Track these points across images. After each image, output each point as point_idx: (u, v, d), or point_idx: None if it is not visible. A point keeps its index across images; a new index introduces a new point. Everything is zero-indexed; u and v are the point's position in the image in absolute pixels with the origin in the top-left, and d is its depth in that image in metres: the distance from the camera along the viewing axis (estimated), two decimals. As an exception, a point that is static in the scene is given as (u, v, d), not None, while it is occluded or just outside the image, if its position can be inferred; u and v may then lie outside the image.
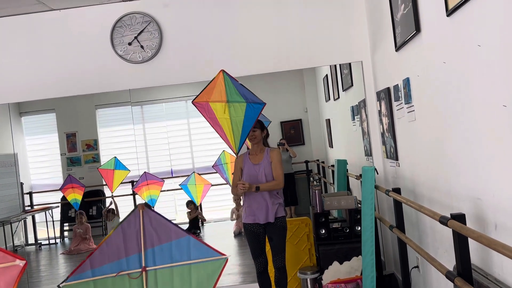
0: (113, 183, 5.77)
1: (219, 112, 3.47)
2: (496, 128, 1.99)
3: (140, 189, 5.70)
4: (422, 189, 3.18)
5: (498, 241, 1.66)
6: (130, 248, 2.53)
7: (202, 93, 3.52)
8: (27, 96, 4.59)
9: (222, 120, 3.48)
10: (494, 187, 2.08)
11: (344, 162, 4.84)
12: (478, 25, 2.07)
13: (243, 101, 3.45)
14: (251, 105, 3.47)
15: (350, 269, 3.83)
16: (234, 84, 3.47)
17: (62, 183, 6.27)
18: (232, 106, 3.43)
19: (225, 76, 3.47)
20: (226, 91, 3.44)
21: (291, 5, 4.39)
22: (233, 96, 3.44)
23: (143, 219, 2.47)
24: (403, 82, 3.31)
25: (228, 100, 3.42)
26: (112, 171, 5.73)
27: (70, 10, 4.50)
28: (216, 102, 3.45)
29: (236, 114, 3.45)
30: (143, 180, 5.70)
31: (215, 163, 5.79)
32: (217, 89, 3.47)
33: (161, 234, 2.50)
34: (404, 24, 3.13)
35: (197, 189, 6.00)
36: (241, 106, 3.45)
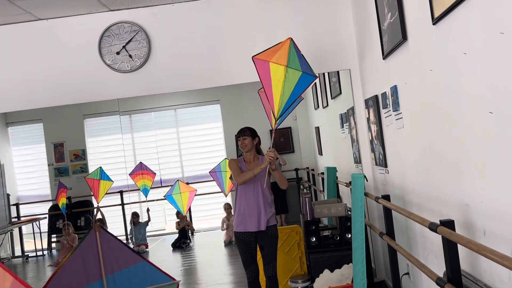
0: (99, 193, 5.73)
1: (275, 74, 3.53)
2: (483, 134, 2.02)
3: (136, 176, 5.77)
4: (411, 196, 3.20)
5: (487, 247, 1.67)
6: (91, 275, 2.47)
7: (265, 52, 3.59)
8: (14, 106, 4.54)
9: (275, 82, 3.53)
10: (482, 194, 2.09)
11: (333, 170, 4.85)
12: (463, 33, 2.10)
13: (300, 70, 3.51)
14: (305, 75, 3.53)
15: (341, 277, 3.83)
16: (297, 52, 3.55)
17: (50, 194, 6.20)
18: (289, 71, 3.49)
19: (291, 43, 3.55)
20: (289, 56, 3.51)
21: (279, 14, 4.42)
22: (293, 63, 3.52)
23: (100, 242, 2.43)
24: (391, 90, 3.34)
25: (288, 65, 3.48)
26: (98, 181, 5.70)
27: (57, 20, 4.48)
28: (276, 64, 3.50)
29: (290, 80, 3.52)
30: (138, 169, 5.91)
31: (214, 169, 5.77)
32: (280, 53, 3.53)
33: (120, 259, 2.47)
34: (391, 33, 3.16)
35: (182, 198, 5.98)
36: (297, 74, 3.52)
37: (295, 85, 3.53)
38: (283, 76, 3.50)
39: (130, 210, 6.27)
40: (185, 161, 6.43)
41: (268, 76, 3.55)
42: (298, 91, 3.56)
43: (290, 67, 3.50)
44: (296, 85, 3.54)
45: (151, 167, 6.32)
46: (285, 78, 3.50)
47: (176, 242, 6.50)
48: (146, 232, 6.44)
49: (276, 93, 3.54)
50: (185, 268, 5.95)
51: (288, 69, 3.48)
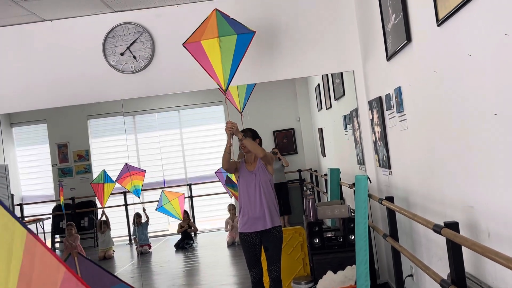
0: (104, 197, 5.74)
1: (210, 49, 3.51)
2: (488, 136, 2.01)
3: (124, 180, 5.68)
4: (415, 198, 3.19)
5: (491, 249, 1.66)
6: None
7: (194, 34, 3.58)
8: (18, 107, 4.56)
9: (212, 58, 3.51)
10: (487, 195, 2.09)
11: (337, 171, 4.85)
12: (468, 34, 2.10)
13: (234, 33, 3.49)
14: (242, 35, 3.52)
15: (344, 278, 3.82)
16: (226, 19, 3.54)
17: (53, 194, 6.23)
18: (223, 40, 3.48)
19: (217, 13, 3.54)
20: (218, 26, 3.49)
21: (283, 15, 4.42)
22: (225, 30, 3.50)
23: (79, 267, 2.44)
24: (395, 91, 3.34)
25: (219, 35, 3.46)
26: (102, 185, 5.71)
27: (62, 21, 4.49)
28: (208, 39, 3.48)
29: (227, 47, 3.50)
30: (125, 171, 5.67)
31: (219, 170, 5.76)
32: (209, 28, 3.51)
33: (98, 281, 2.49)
34: (395, 34, 3.16)
35: (173, 205, 5.96)
36: (232, 38, 3.50)
37: (234, 49, 3.49)
38: (218, 47, 3.46)
39: (133, 211, 6.28)
40: (188, 162, 6.43)
41: (205, 55, 3.53)
42: (239, 53, 3.53)
43: (222, 35, 3.45)
44: (236, 49, 3.50)
45: (155, 167, 6.33)
46: (220, 48, 3.45)
47: (179, 243, 6.50)
48: (148, 232, 6.45)
49: (217, 67, 3.52)
50: (188, 269, 5.96)
51: (221, 38, 3.46)
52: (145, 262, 6.14)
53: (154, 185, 6.27)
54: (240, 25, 3.57)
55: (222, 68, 3.49)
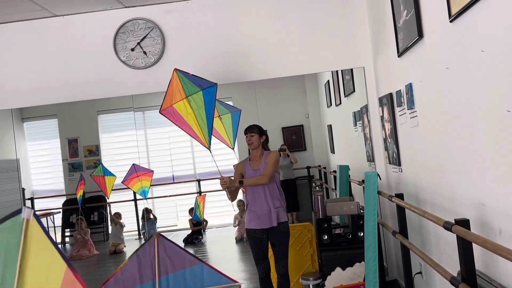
0: (107, 189, 5.76)
1: (183, 111, 3.55)
2: (500, 133, 1.99)
3: (131, 181, 5.68)
4: (425, 195, 3.18)
5: (503, 247, 1.65)
6: (145, 276, 2.55)
7: (165, 100, 3.61)
8: (30, 102, 4.60)
9: (188, 119, 3.54)
10: (498, 193, 2.07)
11: (346, 168, 4.83)
12: (481, 30, 2.08)
13: (199, 90, 3.52)
14: (206, 90, 3.54)
15: (352, 275, 3.82)
16: (187, 77, 3.55)
17: (64, 189, 6.28)
18: (192, 100, 3.51)
19: (178, 73, 3.54)
20: (183, 87, 3.51)
21: (293, 11, 4.41)
22: (190, 88, 3.53)
23: (157, 247, 2.53)
24: (406, 88, 3.32)
25: (186, 95, 3.48)
26: (103, 177, 5.73)
27: (73, 16, 4.52)
28: (178, 102, 3.51)
29: (197, 105, 3.53)
30: (132, 172, 5.67)
31: None
32: (176, 90, 3.54)
33: (175, 262, 2.54)
34: (406, 30, 3.14)
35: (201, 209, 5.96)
36: (199, 96, 3.53)
37: (203, 104, 3.52)
38: (189, 107, 3.50)
39: (143, 205, 6.32)
40: (197, 157, 6.45)
41: (180, 118, 3.56)
42: (210, 107, 3.55)
43: (189, 94, 3.49)
44: (205, 103, 3.53)
45: (164, 163, 6.37)
46: (191, 107, 3.50)
47: (188, 238, 6.53)
48: (157, 227, 6.49)
49: (194, 127, 3.55)
50: (196, 264, 5.98)
51: (189, 98, 3.49)
52: (154, 257, 6.17)
53: (163, 181, 6.30)
54: (201, 79, 3.61)
55: (199, 127, 3.53)
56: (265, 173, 3.59)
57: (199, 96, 3.50)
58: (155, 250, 2.51)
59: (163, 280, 2.54)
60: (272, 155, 3.70)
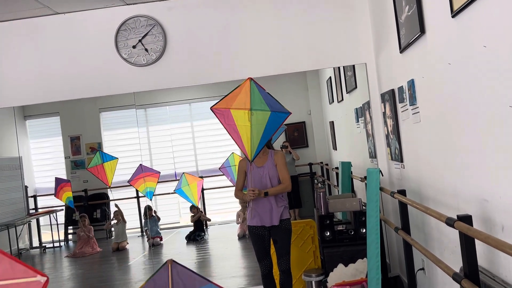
0: (107, 177, 5.74)
1: (240, 120, 3.44)
2: (502, 129, 1.99)
3: (137, 181, 5.67)
4: (427, 191, 3.17)
5: (506, 243, 1.65)
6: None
7: (224, 100, 3.50)
8: (32, 100, 4.61)
9: (241, 128, 3.45)
10: (501, 189, 2.07)
11: (348, 164, 4.83)
12: (483, 25, 2.07)
13: (268, 110, 3.41)
14: (276, 113, 3.44)
15: (355, 271, 3.82)
16: (260, 92, 3.44)
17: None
18: (254, 114, 3.41)
19: (252, 84, 3.44)
20: (251, 99, 3.40)
21: (295, 8, 4.40)
22: (258, 104, 3.41)
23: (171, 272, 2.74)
24: (408, 84, 3.31)
25: (251, 108, 3.40)
26: (102, 165, 5.71)
27: (74, 14, 4.52)
28: (238, 110, 3.43)
29: (258, 122, 3.42)
30: (139, 172, 5.65)
31: (223, 165, 5.76)
32: (241, 97, 3.44)
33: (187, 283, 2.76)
34: (408, 26, 3.13)
35: (191, 189, 5.96)
36: (265, 115, 3.42)
37: (265, 125, 3.42)
38: (247, 120, 3.39)
39: (145, 203, 6.33)
40: (199, 155, 6.46)
41: (232, 122, 3.45)
42: (271, 130, 3.46)
43: (254, 109, 3.39)
44: (268, 125, 3.43)
45: (166, 160, 6.37)
46: (250, 122, 3.39)
47: (190, 235, 6.55)
48: (160, 225, 6.51)
49: (244, 137, 3.43)
50: (199, 261, 6.00)
51: (253, 112, 3.39)
52: (157, 254, 6.19)
53: (165, 178, 6.31)
54: (275, 101, 3.47)
55: (250, 141, 3.43)
56: (285, 181, 3.68)
57: (265, 115, 3.41)
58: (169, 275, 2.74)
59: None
60: (280, 157, 3.72)
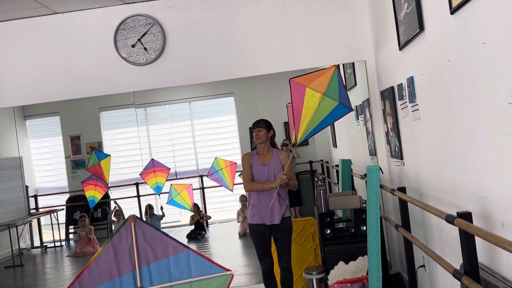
0: (104, 174, 5.76)
1: (309, 100, 3.49)
2: (502, 125, 1.99)
3: (147, 175, 5.70)
4: (427, 188, 3.17)
5: (505, 239, 1.65)
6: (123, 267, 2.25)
7: (305, 76, 3.55)
8: (32, 100, 4.61)
9: (306, 108, 3.49)
10: (500, 185, 2.07)
11: (348, 162, 4.83)
12: (482, 22, 2.07)
13: (337, 100, 3.47)
14: (341, 106, 3.50)
15: (356, 269, 3.82)
16: (339, 83, 3.51)
17: (67, 186, 6.29)
18: (325, 100, 3.46)
19: (335, 73, 3.51)
20: (329, 85, 3.47)
21: (294, 5, 4.39)
22: (332, 92, 3.47)
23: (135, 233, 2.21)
24: (407, 81, 3.30)
25: (325, 93, 3.44)
26: (99, 164, 5.73)
27: (73, 13, 4.52)
28: (313, 91, 3.46)
29: (323, 108, 3.48)
30: (150, 167, 5.68)
31: (209, 172, 5.77)
32: (321, 80, 3.49)
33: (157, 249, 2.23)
34: (407, 23, 3.12)
35: (183, 197, 5.99)
36: (332, 103, 3.48)
37: (328, 113, 3.48)
38: (317, 103, 3.44)
39: (146, 202, 6.33)
40: (199, 153, 6.45)
41: (301, 100, 3.49)
42: (329, 120, 3.52)
43: (327, 95, 3.44)
44: (329, 114, 3.49)
45: (166, 159, 6.36)
46: (318, 105, 3.44)
47: (191, 234, 6.55)
48: (161, 223, 6.51)
49: (304, 120, 3.49)
50: (200, 260, 6.00)
51: (325, 97, 3.44)
52: (158, 253, 6.19)
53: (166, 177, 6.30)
54: (346, 95, 3.54)
55: (309, 122, 3.48)
56: (295, 180, 3.74)
57: (332, 103, 3.47)
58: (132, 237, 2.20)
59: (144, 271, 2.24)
60: (286, 157, 3.75)
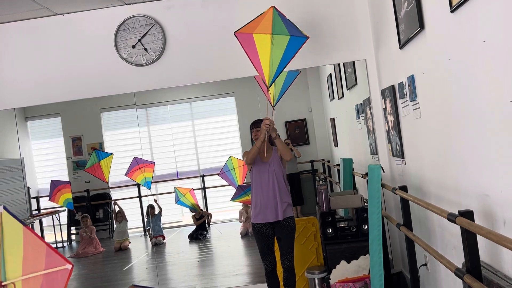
0: (104, 174, 5.77)
1: (261, 44, 3.50)
2: (503, 123, 1.98)
3: (134, 173, 5.71)
4: (429, 187, 3.17)
5: (507, 237, 1.65)
6: None
7: (247, 26, 3.56)
8: (33, 101, 4.62)
9: (261, 52, 3.49)
10: (502, 183, 2.07)
11: (349, 161, 4.83)
12: (482, 20, 2.06)
13: (288, 34, 3.47)
14: (294, 38, 3.50)
15: (357, 268, 3.82)
16: (282, 19, 3.51)
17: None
18: (275, 39, 3.47)
19: (274, 12, 3.52)
20: (273, 24, 3.47)
21: (294, 5, 4.39)
22: (278, 29, 3.48)
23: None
24: (408, 80, 3.30)
25: (273, 32, 3.45)
26: (98, 164, 5.74)
27: (73, 15, 4.52)
28: (260, 34, 3.48)
29: (278, 46, 3.48)
30: (134, 165, 5.72)
31: (222, 170, 5.78)
32: (264, 23, 3.50)
33: None
34: (407, 22, 3.12)
35: (188, 199, 6.02)
36: (285, 39, 3.48)
37: (284, 49, 3.47)
38: (269, 44, 3.44)
39: (147, 202, 6.34)
40: (201, 153, 6.46)
41: (254, 48, 3.51)
42: (289, 54, 3.51)
43: (275, 33, 3.44)
44: (286, 50, 3.48)
45: (168, 159, 6.37)
46: (272, 45, 3.44)
47: (193, 234, 6.55)
48: (162, 223, 6.52)
49: (264, 62, 3.49)
50: (202, 259, 6.01)
51: (274, 36, 3.45)
52: (160, 253, 6.21)
53: (167, 177, 6.31)
54: (295, 27, 3.54)
55: (269, 66, 3.48)
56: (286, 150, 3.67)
57: (284, 39, 3.46)
58: None
59: None
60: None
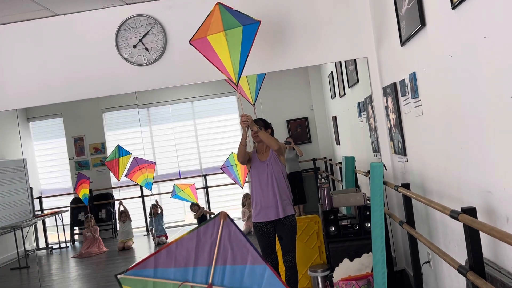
0: (119, 171, 5.80)
1: (217, 44, 3.49)
2: (505, 120, 1.98)
3: (134, 174, 5.73)
4: (431, 184, 3.17)
5: (510, 234, 1.64)
6: (201, 258, 2.28)
7: (199, 31, 3.56)
8: (35, 102, 4.62)
9: (220, 52, 3.49)
10: (504, 180, 2.06)
11: (351, 159, 4.82)
12: (484, 16, 2.06)
13: (239, 25, 3.47)
14: (247, 26, 3.49)
15: (360, 266, 3.82)
16: (229, 12, 3.51)
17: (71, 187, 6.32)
18: (229, 34, 3.46)
19: (220, 7, 3.51)
20: (223, 20, 3.46)
21: (295, 3, 4.38)
22: (229, 23, 3.47)
23: (222, 231, 2.23)
24: (410, 77, 3.30)
25: (225, 28, 3.45)
26: (117, 160, 5.77)
27: (74, 15, 4.52)
28: (214, 34, 3.48)
29: (234, 40, 3.48)
30: (134, 165, 5.75)
31: (224, 165, 5.79)
32: (214, 23, 3.50)
33: (237, 253, 2.24)
34: (408, 19, 3.11)
35: (187, 193, 6.03)
36: (238, 31, 3.47)
37: (241, 41, 3.47)
38: (224, 41, 3.44)
39: (150, 202, 6.36)
40: (202, 153, 6.47)
41: (212, 50, 3.51)
42: (247, 45, 3.51)
43: (228, 28, 3.44)
44: (243, 40, 3.49)
45: (170, 159, 6.38)
46: (227, 41, 3.43)
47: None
48: (165, 223, 6.53)
49: (226, 61, 3.49)
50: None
51: (227, 32, 3.44)
52: (163, 253, 6.21)
53: (169, 177, 6.33)
54: (245, 16, 3.54)
55: (231, 62, 3.48)
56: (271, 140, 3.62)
57: (238, 31, 3.45)
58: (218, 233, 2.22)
59: (219, 270, 2.26)
60: None
